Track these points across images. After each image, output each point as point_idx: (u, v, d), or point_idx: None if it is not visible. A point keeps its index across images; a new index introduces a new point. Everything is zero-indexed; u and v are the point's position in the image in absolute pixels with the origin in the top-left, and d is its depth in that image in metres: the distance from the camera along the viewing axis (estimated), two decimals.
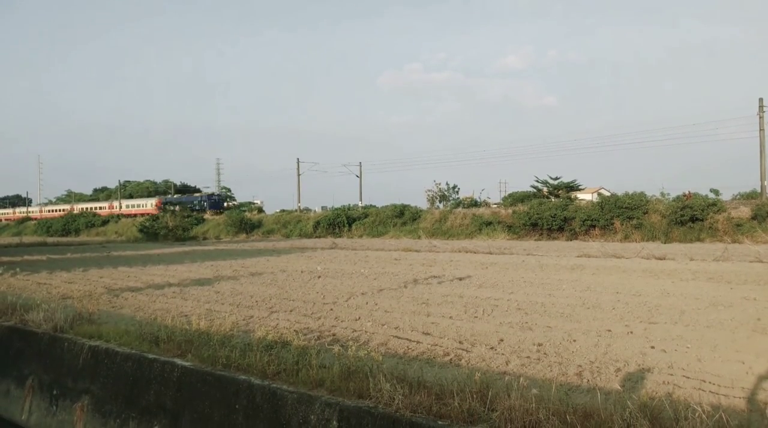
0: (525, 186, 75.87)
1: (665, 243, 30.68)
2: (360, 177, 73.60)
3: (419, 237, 41.98)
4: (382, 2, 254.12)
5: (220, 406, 6.65)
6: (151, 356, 7.74)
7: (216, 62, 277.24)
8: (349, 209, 55.68)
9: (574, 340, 8.16)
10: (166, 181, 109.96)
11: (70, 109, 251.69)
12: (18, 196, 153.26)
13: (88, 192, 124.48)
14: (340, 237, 48.58)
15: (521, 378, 5.41)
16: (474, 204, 55.92)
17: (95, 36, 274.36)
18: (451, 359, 7.37)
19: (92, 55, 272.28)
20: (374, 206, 59.56)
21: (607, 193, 50.36)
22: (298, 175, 67.07)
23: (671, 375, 6.38)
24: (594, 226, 35.72)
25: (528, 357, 7.37)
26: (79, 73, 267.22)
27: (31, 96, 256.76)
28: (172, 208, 73.33)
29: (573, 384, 6.14)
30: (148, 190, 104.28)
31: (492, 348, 7.87)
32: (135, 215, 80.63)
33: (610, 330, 8.75)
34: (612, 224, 35.05)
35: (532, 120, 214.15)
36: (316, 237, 50.62)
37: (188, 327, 8.50)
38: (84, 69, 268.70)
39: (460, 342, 8.24)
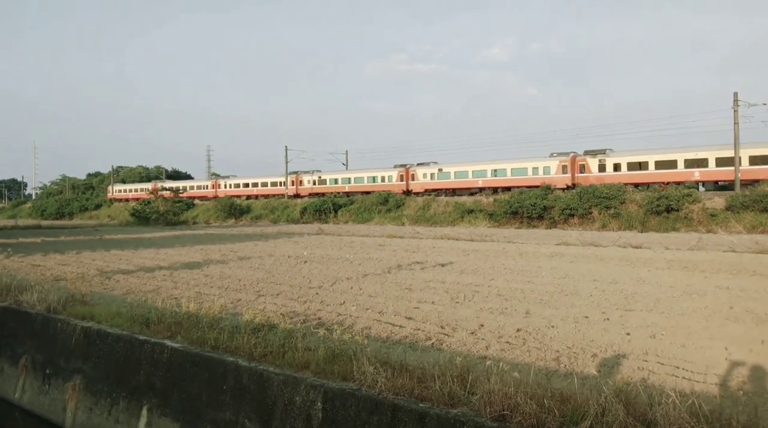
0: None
1: (642, 232, 31.17)
2: (346, 165, 73.50)
3: (403, 224, 42.13)
4: None
5: (208, 387, 6.78)
6: (141, 337, 7.86)
7: (207, 51, 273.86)
8: (335, 196, 55.95)
9: (553, 326, 8.37)
10: (157, 167, 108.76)
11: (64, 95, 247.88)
12: (13, 180, 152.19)
13: (82, 176, 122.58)
14: (326, 223, 48.91)
15: (501, 363, 5.57)
16: None
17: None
18: (432, 343, 7.55)
19: (81, 42, 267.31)
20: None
21: None
22: (286, 162, 66.55)
23: (646, 361, 6.60)
24: (573, 215, 36.18)
25: (508, 342, 7.56)
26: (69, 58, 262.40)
27: (25, 80, 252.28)
28: None
29: (551, 369, 6.33)
30: (140, 175, 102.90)
31: (473, 333, 8.06)
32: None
33: (587, 317, 8.98)
34: (590, 213, 35.54)
35: (514, 110, 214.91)
36: (303, 222, 50.93)
37: (178, 310, 8.62)
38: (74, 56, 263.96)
39: (441, 327, 8.42)
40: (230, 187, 74.92)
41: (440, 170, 53.52)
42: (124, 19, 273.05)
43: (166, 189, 62.19)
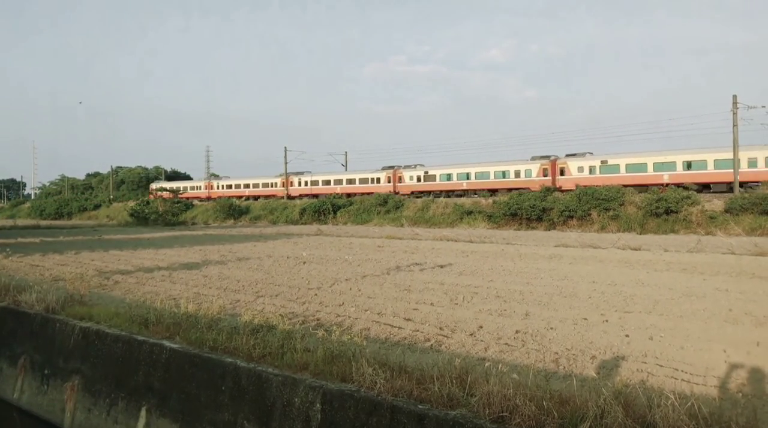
0: None
1: (641, 234, 31.17)
2: (345, 166, 73.70)
3: (402, 225, 42.10)
4: None
5: (207, 388, 6.78)
6: (140, 338, 7.86)
7: (203, 52, 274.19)
8: (334, 197, 55.78)
9: (552, 328, 8.37)
10: (156, 168, 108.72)
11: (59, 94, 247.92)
12: (12, 180, 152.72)
13: (81, 176, 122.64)
14: (325, 223, 48.86)
15: (500, 365, 5.57)
16: None
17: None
18: (431, 345, 7.55)
19: (75, 41, 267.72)
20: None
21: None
22: (285, 163, 66.44)
23: (645, 363, 6.60)
24: (572, 217, 36.19)
25: (507, 343, 7.56)
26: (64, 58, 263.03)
27: (22, 81, 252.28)
28: None
29: (550, 370, 6.34)
30: (140, 175, 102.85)
31: (472, 334, 8.06)
32: None
33: (586, 319, 8.98)
34: (589, 215, 35.55)
35: (513, 112, 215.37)
36: (302, 223, 50.89)
37: (177, 311, 8.63)
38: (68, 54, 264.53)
39: (440, 329, 8.42)
40: (305, 184, 63.94)
41: (604, 163, 42.77)
42: (124, 20, 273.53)
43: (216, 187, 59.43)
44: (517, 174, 47.79)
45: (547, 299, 10.76)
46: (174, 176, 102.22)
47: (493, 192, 47.59)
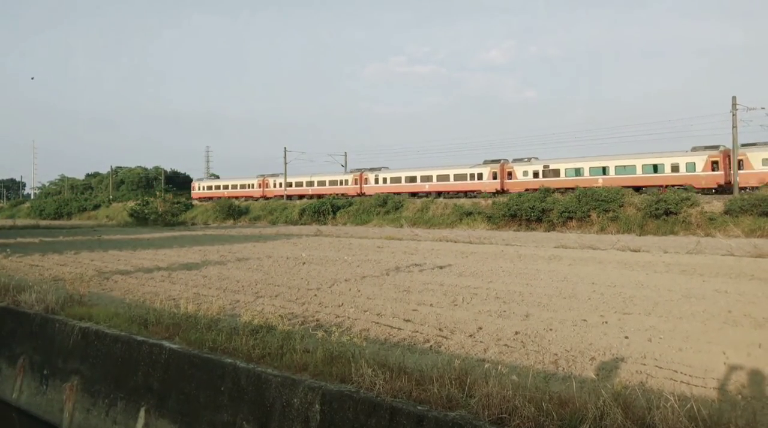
0: None
1: (640, 235, 31.17)
2: (345, 166, 73.68)
3: (402, 226, 42.09)
4: None
5: (206, 388, 6.77)
6: (139, 338, 7.85)
7: (206, 52, 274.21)
8: (334, 197, 55.67)
9: (551, 329, 8.37)
10: (156, 168, 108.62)
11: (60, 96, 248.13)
12: (12, 180, 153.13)
13: (80, 176, 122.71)
14: (324, 224, 48.83)
15: (499, 366, 5.57)
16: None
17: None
18: (431, 346, 7.55)
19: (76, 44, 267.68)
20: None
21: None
22: (285, 163, 66.35)
23: (644, 364, 6.60)
24: (571, 218, 36.19)
25: (506, 345, 7.56)
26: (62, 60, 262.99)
27: (22, 82, 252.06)
28: None
29: (549, 372, 6.33)
30: (140, 175, 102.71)
31: (471, 335, 8.06)
32: None
33: (585, 320, 8.98)
34: (589, 216, 35.55)
35: (513, 113, 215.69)
36: (302, 224, 50.84)
37: (176, 311, 8.63)
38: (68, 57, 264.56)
39: (440, 330, 8.42)
40: (383, 181, 57.79)
41: None
42: (125, 21, 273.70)
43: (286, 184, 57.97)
44: (675, 168, 39.16)
45: (547, 300, 10.76)
46: (174, 176, 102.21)
47: (638, 189, 38.98)
